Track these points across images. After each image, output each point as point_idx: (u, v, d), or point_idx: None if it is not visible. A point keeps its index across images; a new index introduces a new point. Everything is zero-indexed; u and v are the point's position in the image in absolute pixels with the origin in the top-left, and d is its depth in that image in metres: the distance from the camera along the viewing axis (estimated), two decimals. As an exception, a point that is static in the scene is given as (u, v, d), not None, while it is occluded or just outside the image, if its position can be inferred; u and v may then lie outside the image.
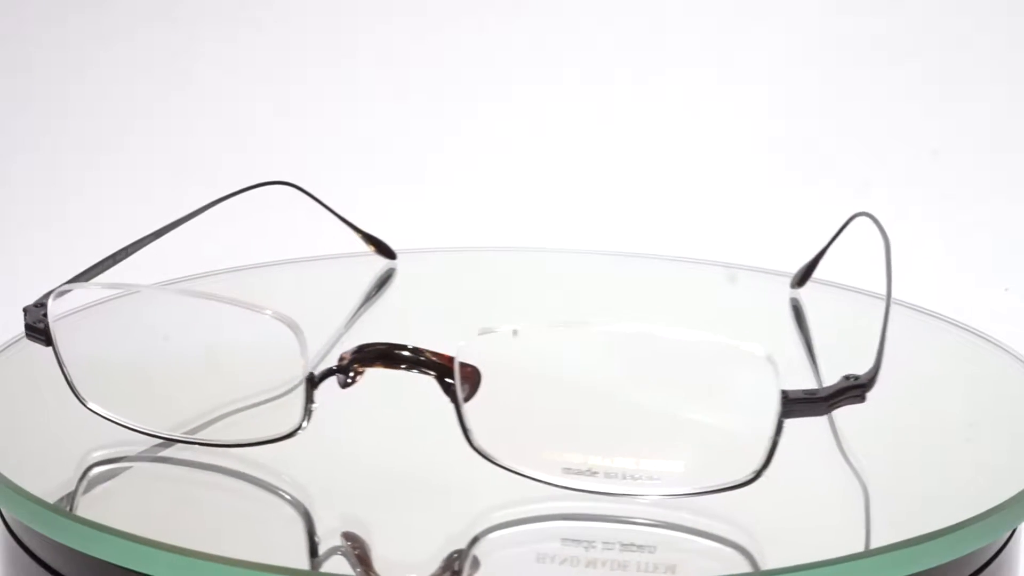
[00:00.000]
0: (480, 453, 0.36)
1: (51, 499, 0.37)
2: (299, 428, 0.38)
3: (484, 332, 0.36)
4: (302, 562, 0.35)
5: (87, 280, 0.47)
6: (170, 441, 0.40)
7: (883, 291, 0.46)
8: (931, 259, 0.87)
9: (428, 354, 0.36)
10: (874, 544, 0.37)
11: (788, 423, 0.35)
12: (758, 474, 0.35)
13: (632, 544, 0.35)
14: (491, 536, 0.35)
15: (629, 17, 0.92)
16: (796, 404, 0.36)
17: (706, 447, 0.36)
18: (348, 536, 0.36)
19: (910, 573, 0.35)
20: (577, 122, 0.92)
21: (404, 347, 0.37)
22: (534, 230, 0.83)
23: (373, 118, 0.93)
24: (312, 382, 0.37)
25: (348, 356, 0.37)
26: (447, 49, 0.93)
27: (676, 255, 0.65)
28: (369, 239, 0.62)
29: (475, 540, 0.35)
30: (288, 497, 0.38)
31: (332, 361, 0.38)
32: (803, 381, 0.46)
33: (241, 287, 0.59)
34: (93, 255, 0.49)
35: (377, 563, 0.34)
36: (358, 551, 0.35)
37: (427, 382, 0.36)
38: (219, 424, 0.41)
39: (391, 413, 0.42)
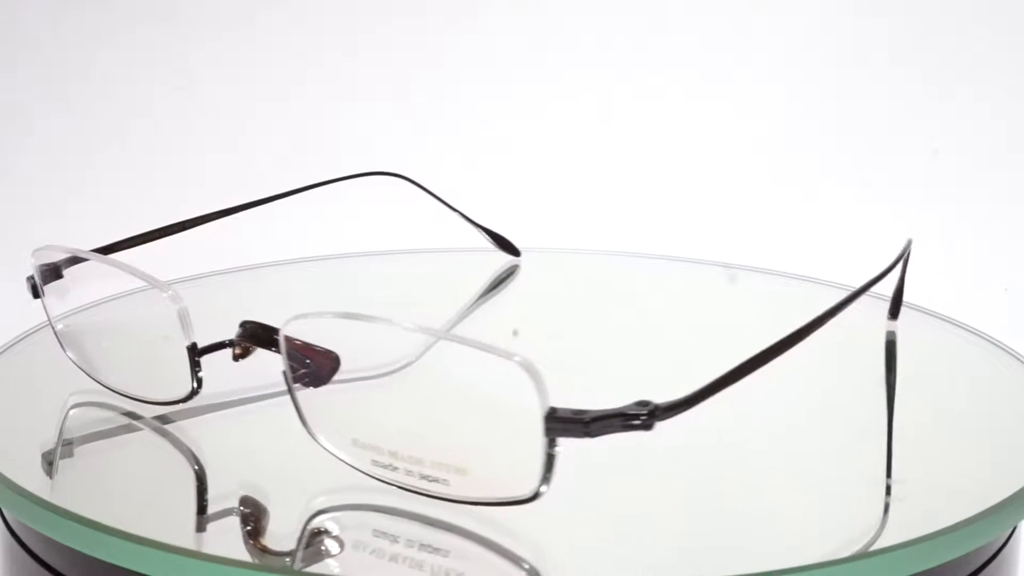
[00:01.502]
0: (307, 430, 0.38)
1: (51, 499, 0.37)
2: (193, 393, 0.42)
3: (298, 317, 0.38)
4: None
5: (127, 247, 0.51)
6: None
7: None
8: (931, 259, 0.87)
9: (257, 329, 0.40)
10: (875, 544, 0.37)
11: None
12: (537, 492, 0.35)
13: (430, 545, 0.36)
14: (316, 520, 0.37)
15: (629, 17, 0.92)
16: (562, 423, 0.34)
17: (496, 459, 0.36)
18: (245, 501, 0.38)
19: (910, 573, 0.35)
20: (576, 122, 0.92)
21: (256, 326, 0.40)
22: (534, 230, 0.83)
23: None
24: (195, 351, 0.42)
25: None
26: (449, 49, 0.94)
27: (676, 255, 0.65)
28: (492, 236, 0.63)
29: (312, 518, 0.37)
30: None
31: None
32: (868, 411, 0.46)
33: (346, 273, 0.63)
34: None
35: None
36: (251, 515, 0.37)
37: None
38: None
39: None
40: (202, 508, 0.39)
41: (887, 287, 0.57)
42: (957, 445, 0.44)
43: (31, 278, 0.47)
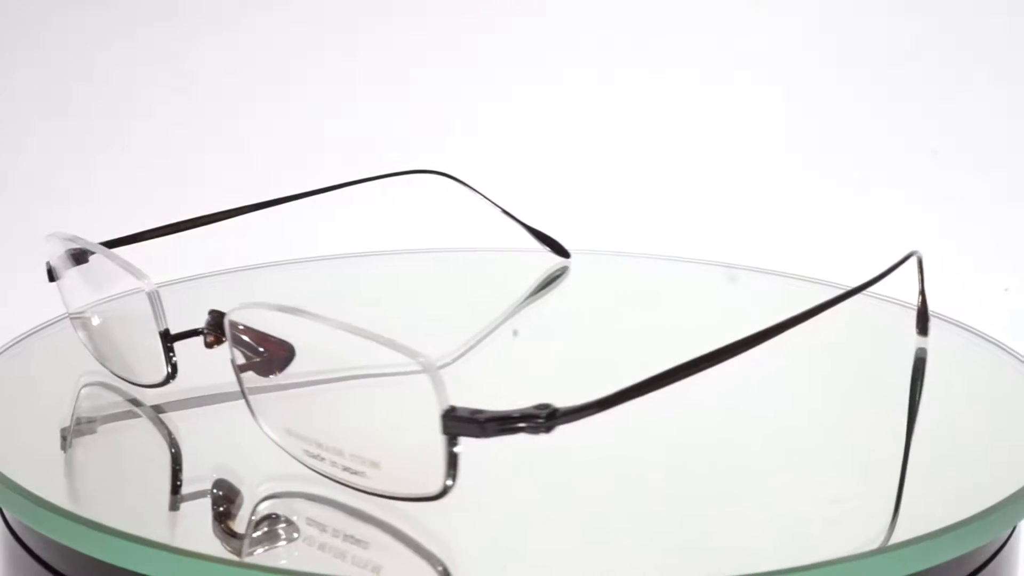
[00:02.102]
0: (253, 416, 0.39)
1: (51, 499, 0.37)
2: (168, 378, 0.44)
3: (245, 305, 0.39)
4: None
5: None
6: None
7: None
8: (931, 259, 0.87)
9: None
10: (875, 544, 0.37)
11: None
12: (444, 489, 0.35)
13: (353, 536, 0.37)
14: (262, 506, 0.39)
15: (629, 17, 0.92)
16: (459, 423, 0.34)
17: (405, 455, 0.37)
18: (219, 484, 0.40)
19: (911, 572, 0.35)
20: (576, 122, 0.92)
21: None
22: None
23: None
24: (167, 337, 0.43)
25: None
26: (451, 49, 0.94)
27: (676, 255, 0.65)
28: (541, 237, 0.62)
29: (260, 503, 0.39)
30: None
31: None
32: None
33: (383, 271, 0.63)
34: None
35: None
36: (223, 498, 0.39)
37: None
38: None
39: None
40: (176, 488, 0.40)
41: (887, 288, 0.57)
42: (957, 445, 0.44)
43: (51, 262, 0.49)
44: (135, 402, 0.45)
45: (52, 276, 0.48)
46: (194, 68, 0.94)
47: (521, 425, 0.34)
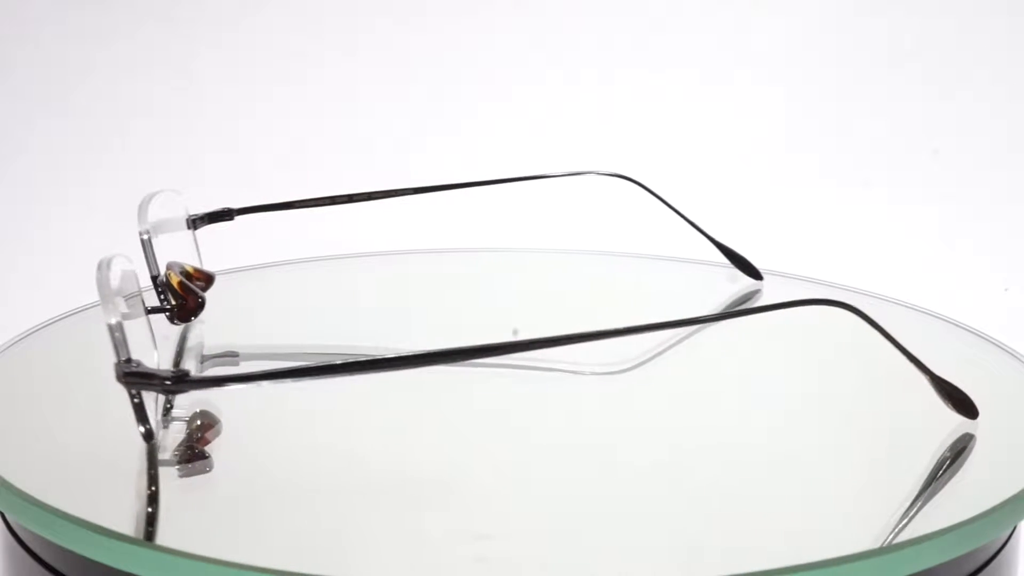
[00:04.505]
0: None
1: (51, 500, 0.37)
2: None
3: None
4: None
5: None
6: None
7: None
8: (931, 259, 0.87)
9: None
10: (874, 544, 0.37)
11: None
12: (147, 432, 0.40)
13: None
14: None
15: (630, 17, 0.92)
16: (129, 377, 0.39)
17: None
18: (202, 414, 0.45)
19: (911, 572, 0.35)
20: (576, 122, 0.92)
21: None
22: (534, 231, 0.83)
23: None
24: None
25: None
26: (447, 49, 0.94)
27: (676, 255, 0.65)
28: (732, 256, 0.60)
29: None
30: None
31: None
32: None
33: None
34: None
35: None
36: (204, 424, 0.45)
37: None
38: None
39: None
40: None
41: (888, 289, 0.57)
42: (957, 445, 0.44)
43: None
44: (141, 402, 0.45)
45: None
46: (194, 68, 0.94)
47: (153, 383, 0.39)
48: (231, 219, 0.55)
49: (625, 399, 0.49)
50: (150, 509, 0.39)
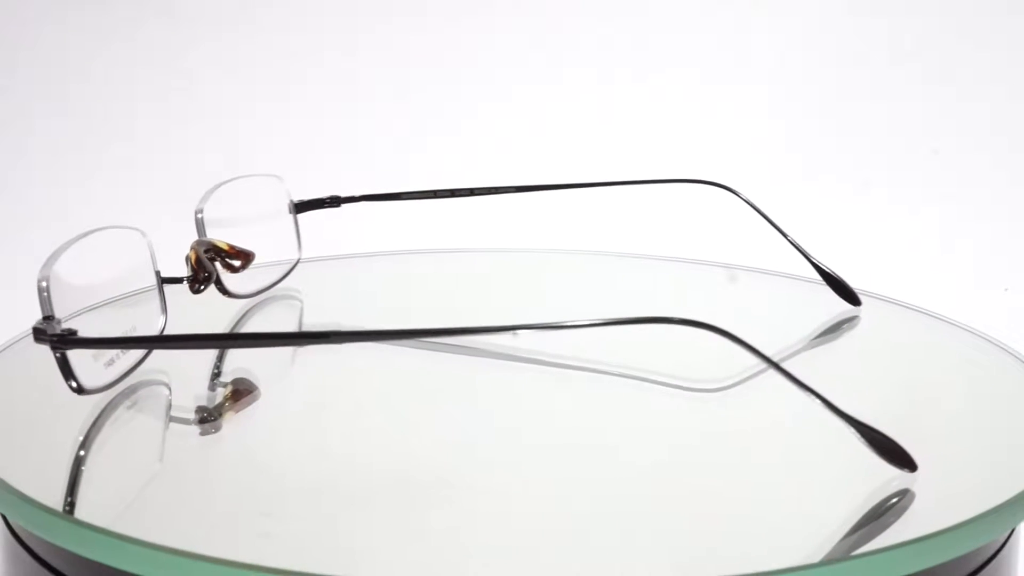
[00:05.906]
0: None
1: (50, 501, 0.37)
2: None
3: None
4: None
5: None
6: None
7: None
8: (931, 259, 0.87)
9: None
10: (874, 543, 0.37)
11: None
12: (78, 387, 0.43)
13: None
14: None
15: (630, 17, 0.92)
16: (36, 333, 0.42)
17: None
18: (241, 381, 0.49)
19: (911, 572, 0.35)
20: (576, 122, 0.92)
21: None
22: (533, 231, 0.83)
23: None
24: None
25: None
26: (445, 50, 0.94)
27: (676, 255, 0.65)
28: (831, 280, 0.57)
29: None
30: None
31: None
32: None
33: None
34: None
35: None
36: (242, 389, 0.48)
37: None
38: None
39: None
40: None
41: (892, 291, 0.57)
42: (957, 445, 0.44)
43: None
44: (138, 404, 0.45)
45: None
46: (194, 68, 0.94)
47: (43, 339, 0.42)
48: (338, 206, 0.59)
49: (632, 401, 0.49)
50: (149, 509, 0.39)
